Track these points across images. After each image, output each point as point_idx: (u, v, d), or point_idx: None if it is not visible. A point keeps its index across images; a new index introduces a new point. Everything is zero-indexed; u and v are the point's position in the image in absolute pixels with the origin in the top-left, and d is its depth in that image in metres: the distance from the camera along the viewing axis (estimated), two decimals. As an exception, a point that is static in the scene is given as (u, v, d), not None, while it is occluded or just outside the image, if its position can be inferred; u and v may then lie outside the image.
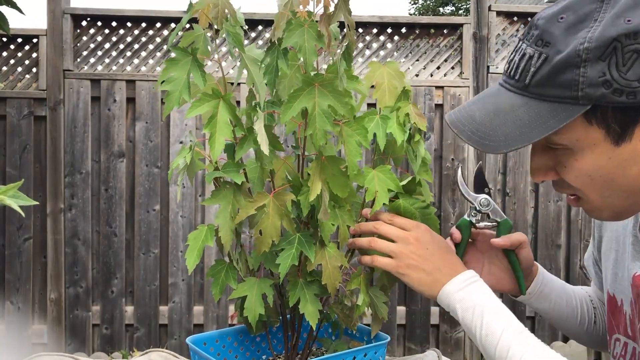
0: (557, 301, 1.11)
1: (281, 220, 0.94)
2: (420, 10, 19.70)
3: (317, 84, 0.89)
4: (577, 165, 0.78)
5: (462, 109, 0.83)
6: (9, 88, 3.26)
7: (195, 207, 3.30)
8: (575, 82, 0.72)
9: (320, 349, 1.16)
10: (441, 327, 3.36)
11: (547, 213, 3.38)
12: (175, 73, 0.90)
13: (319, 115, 0.89)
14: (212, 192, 0.98)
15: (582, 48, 0.71)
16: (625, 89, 0.70)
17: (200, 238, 0.96)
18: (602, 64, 0.70)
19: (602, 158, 0.76)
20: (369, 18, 3.32)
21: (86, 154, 3.26)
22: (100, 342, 3.28)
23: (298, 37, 0.89)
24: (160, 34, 3.31)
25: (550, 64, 0.73)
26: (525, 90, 0.76)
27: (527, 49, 0.76)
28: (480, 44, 3.35)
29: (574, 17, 0.73)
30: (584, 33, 0.71)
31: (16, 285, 3.24)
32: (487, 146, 0.78)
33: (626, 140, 0.74)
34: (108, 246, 3.27)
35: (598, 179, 0.77)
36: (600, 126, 0.74)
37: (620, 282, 0.96)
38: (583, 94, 0.71)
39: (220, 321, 3.29)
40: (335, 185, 0.94)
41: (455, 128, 0.81)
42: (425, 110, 3.34)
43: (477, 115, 0.80)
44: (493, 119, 0.78)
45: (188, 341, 1.06)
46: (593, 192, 0.79)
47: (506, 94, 0.79)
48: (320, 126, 0.89)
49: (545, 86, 0.74)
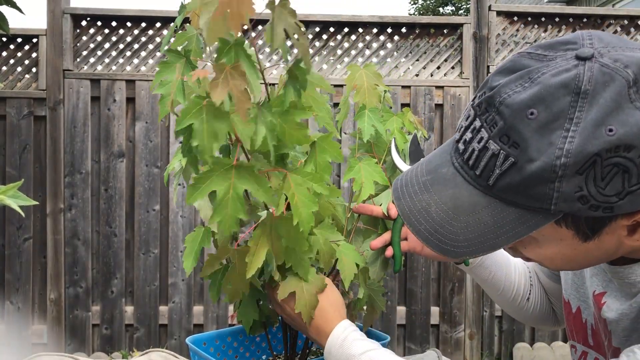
0: (497, 273, 1.11)
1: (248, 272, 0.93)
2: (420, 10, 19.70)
3: (234, 164, 0.79)
4: (539, 251, 0.73)
5: (414, 194, 0.73)
6: (8, 88, 3.26)
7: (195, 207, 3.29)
8: (549, 197, 0.64)
9: (320, 349, 1.16)
10: (441, 327, 3.36)
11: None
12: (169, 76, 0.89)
13: (232, 200, 0.79)
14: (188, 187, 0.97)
15: (559, 164, 0.62)
16: (602, 204, 0.64)
17: (197, 240, 0.95)
18: (579, 178, 0.63)
19: (567, 249, 0.71)
20: (369, 18, 3.32)
21: (86, 154, 3.26)
22: (100, 342, 3.28)
23: (197, 123, 0.76)
24: (160, 34, 3.31)
25: (521, 173, 0.64)
26: (488, 190, 0.67)
27: (490, 143, 0.66)
28: (480, 43, 3.35)
29: (546, 114, 0.63)
30: (559, 140, 0.62)
31: (16, 285, 3.24)
32: (448, 252, 0.70)
33: (594, 238, 0.69)
34: (108, 246, 3.27)
35: (559, 260, 0.74)
36: (569, 228, 0.68)
37: (577, 289, 0.94)
38: (556, 208, 0.65)
39: (220, 321, 3.29)
40: (292, 241, 0.88)
41: (410, 224, 0.72)
42: (425, 110, 3.35)
43: (433, 210, 0.71)
44: (452, 220, 0.70)
45: (188, 341, 1.06)
46: (550, 265, 0.76)
47: (465, 187, 0.69)
48: (232, 213, 0.79)
49: (514, 193, 0.66)
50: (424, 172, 0.75)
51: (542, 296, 1.16)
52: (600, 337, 0.89)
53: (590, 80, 0.63)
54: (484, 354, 3.38)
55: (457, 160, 0.71)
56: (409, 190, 0.74)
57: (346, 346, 0.88)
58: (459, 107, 3.35)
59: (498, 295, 1.14)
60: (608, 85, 0.62)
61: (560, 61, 0.65)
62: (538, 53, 0.67)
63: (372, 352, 0.86)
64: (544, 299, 1.16)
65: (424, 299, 3.35)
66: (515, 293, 1.13)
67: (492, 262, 1.11)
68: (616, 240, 0.70)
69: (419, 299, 3.34)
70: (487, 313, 3.38)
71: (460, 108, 3.36)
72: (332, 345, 0.90)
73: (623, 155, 0.62)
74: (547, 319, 1.17)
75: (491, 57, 3.36)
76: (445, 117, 3.36)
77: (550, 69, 0.65)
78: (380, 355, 0.86)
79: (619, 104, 0.62)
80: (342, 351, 0.88)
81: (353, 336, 0.89)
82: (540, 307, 1.16)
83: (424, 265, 3.34)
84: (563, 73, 0.64)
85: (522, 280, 1.14)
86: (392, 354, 0.87)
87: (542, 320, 1.17)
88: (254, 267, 0.85)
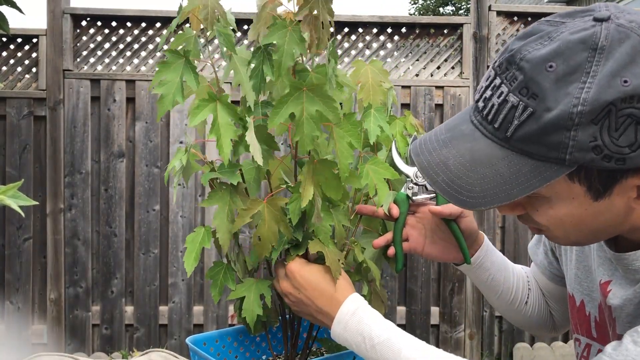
0: (496, 276, 1.11)
1: (278, 225, 0.94)
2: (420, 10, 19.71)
3: (305, 89, 0.88)
4: (551, 212, 0.75)
5: (433, 150, 0.76)
6: (8, 88, 3.26)
7: (195, 207, 3.30)
8: (564, 145, 0.66)
9: (320, 349, 1.16)
10: (441, 327, 3.36)
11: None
12: (168, 76, 0.89)
13: (306, 120, 0.88)
14: (209, 194, 0.98)
15: (576, 111, 0.65)
16: (615, 155, 0.66)
17: (198, 240, 0.96)
18: (594, 128, 0.65)
19: (578, 209, 0.73)
20: (369, 18, 3.32)
21: (86, 154, 3.26)
22: (100, 342, 3.28)
23: (279, 37, 0.87)
24: (160, 34, 3.31)
25: (538, 122, 0.67)
26: (505, 142, 0.70)
27: (509, 96, 0.69)
28: (480, 43, 3.35)
29: (565, 67, 0.66)
30: (576, 90, 0.65)
31: (16, 285, 3.24)
32: (464, 202, 0.73)
33: (605, 197, 0.71)
34: (108, 246, 3.27)
35: (568, 223, 0.75)
36: (582, 184, 0.70)
37: (581, 283, 0.96)
38: (570, 157, 0.67)
39: (220, 321, 3.29)
40: (329, 188, 0.93)
41: (428, 176, 0.75)
42: (426, 110, 3.35)
43: (451, 163, 0.74)
44: (470, 171, 0.72)
45: (188, 341, 1.06)
46: (559, 230, 0.77)
47: (483, 141, 0.72)
48: (308, 132, 0.88)
49: (530, 143, 0.68)
50: (443, 131, 0.78)
51: (540, 301, 1.17)
52: (604, 329, 0.90)
53: (607, 37, 0.66)
54: (484, 354, 3.38)
55: (477, 117, 0.74)
56: (428, 147, 0.77)
57: (359, 314, 0.90)
58: (459, 107, 3.35)
59: (496, 299, 1.14)
60: (623, 42, 0.66)
61: (578, 22, 0.69)
62: (556, 20, 0.71)
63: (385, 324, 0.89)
64: (542, 304, 1.17)
65: (424, 299, 3.35)
66: (514, 296, 1.14)
67: (491, 264, 1.11)
68: (625, 203, 0.72)
69: (419, 299, 3.34)
70: (487, 313, 3.39)
71: (460, 108, 3.35)
72: (343, 314, 0.91)
73: (637, 107, 0.64)
74: (544, 325, 1.18)
75: (491, 57, 3.36)
76: (445, 117, 3.36)
77: (568, 29, 0.69)
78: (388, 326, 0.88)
79: (633, 58, 0.65)
80: (354, 318, 0.90)
81: (366, 307, 0.92)
82: (538, 312, 1.17)
83: (424, 265, 3.34)
84: (581, 31, 0.67)
85: (520, 284, 1.15)
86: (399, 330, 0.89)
87: (539, 324, 1.18)
88: (306, 199, 0.89)
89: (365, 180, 0.97)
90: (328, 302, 0.92)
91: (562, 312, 1.17)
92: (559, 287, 1.12)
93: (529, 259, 1.18)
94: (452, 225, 1.05)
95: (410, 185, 1.05)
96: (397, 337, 0.86)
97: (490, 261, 1.11)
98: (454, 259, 1.09)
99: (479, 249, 1.09)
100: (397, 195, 1.05)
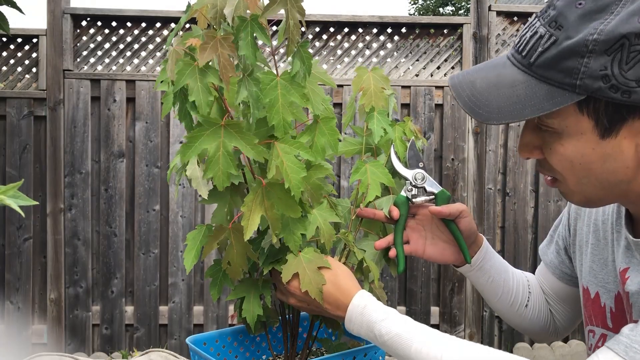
0: (495, 278, 1.12)
1: (245, 249, 0.94)
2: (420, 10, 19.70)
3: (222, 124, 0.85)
4: (561, 149, 0.80)
5: (467, 74, 0.84)
6: (8, 88, 3.26)
7: (195, 207, 3.30)
8: (577, 71, 0.73)
9: (320, 349, 1.16)
10: (441, 327, 3.36)
11: (547, 213, 3.38)
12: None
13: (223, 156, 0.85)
14: (209, 192, 0.98)
15: (591, 39, 0.72)
16: (621, 86, 0.71)
17: (199, 238, 0.96)
18: (606, 58, 0.71)
19: (586, 147, 0.78)
20: (369, 18, 3.32)
21: (86, 154, 3.26)
22: (100, 342, 3.28)
23: (189, 78, 0.84)
24: (160, 34, 3.31)
25: (558, 47, 0.74)
26: (528, 68, 0.78)
27: (539, 28, 0.77)
28: (480, 44, 3.35)
29: (593, 5, 0.73)
30: (597, 24, 0.72)
31: (16, 285, 3.24)
32: (479, 114, 0.80)
33: (612, 135, 0.76)
34: (108, 246, 3.27)
35: (578, 166, 0.80)
36: (590, 117, 0.76)
37: (596, 275, 0.98)
38: (581, 84, 0.73)
39: (220, 321, 3.29)
40: (284, 208, 0.90)
41: (455, 92, 0.83)
42: (425, 110, 3.35)
43: (478, 82, 0.82)
44: (491, 90, 0.80)
45: (188, 341, 1.06)
46: (571, 176, 0.81)
47: (510, 68, 0.80)
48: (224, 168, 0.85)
49: (548, 68, 0.76)
50: (482, 64, 0.86)
51: (541, 305, 1.18)
52: (620, 319, 0.92)
53: None
54: (484, 354, 3.38)
55: (511, 51, 0.82)
56: (464, 72, 0.85)
57: (367, 313, 0.91)
58: (459, 107, 3.35)
59: (497, 301, 1.15)
60: None
61: None
62: None
63: (392, 318, 0.90)
64: (543, 308, 1.18)
65: (424, 299, 3.35)
66: (514, 299, 1.15)
67: (490, 266, 1.12)
68: (634, 149, 0.77)
69: (419, 299, 3.34)
70: (487, 313, 3.39)
71: (460, 108, 3.35)
72: (352, 313, 0.93)
73: None
74: (544, 328, 1.19)
75: (491, 57, 3.35)
76: (445, 117, 3.36)
77: None
78: (400, 320, 0.89)
79: None
80: (363, 318, 0.91)
81: (373, 304, 0.93)
82: (538, 315, 1.18)
83: (424, 265, 3.34)
84: None
85: (520, 288, 1.16)
86: (410, 319, 0.90)
87: (539, 328, 1.19)
88: (250, 231, 0.87)
89: (361, 176, 0.98)
90: (335, 307, 0.95)
91: (566, 313, 1.17)
92: (568, 287, 1.13)
93: (538, 259, 1.19)
94: (451, 226, 1.06)
95: (410, 188, 1.06)
96: (407, 331, 0.88)
97: (490, 263, 1.12)
98: (454, 261, 1.10)
99: (479, 251, 1.10)
100: (397, 198, 1.05)
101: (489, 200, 3.36)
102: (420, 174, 1.05)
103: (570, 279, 1.12)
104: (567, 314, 1.17)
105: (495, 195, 3.38)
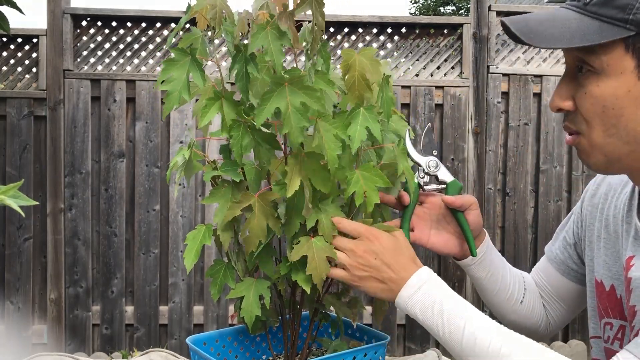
0: (494, 273, 1.13)
1: (267, 220, 0.94)
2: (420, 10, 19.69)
3: (286, 83, 0.88)
4: (596, 90, 0.82)
5: (520, 16, 0.88)
6: (9, 88, 3.26)
7: (195, 206, 3.30)
8: (631, 7, 0.78)
9: (320, 349, 1.16)
10: (441, 327, 3.35)
11: (547, 213, 3.38)
12: (175, 73, 0.89)
13: (293, 113, 0.88)
14: (210, 191, 0.98)
15: None
16: None
17: (199, 237, 0.96)
18: None
19: (622, 88, 0.80)
20: (369, 18, 3.32)
21: (86, 154, 3.26)
22: (100, 342, 3.28)
23: (262, 39, 0.88)
24: (160, 34, 3.31)
25: None
26: (583, 9, 0.82)
27: None
28: (480, 44, 3.35)
29: None
30: None
31: (16, 285, 3.24)
32: (530, 38, 0.83)
33: None
34: (108, 246, 3.27)
35: (610, 111, 0.82)
36: (634, 56, 0.79)
37: (609, 268, 0.99)
38: (633, 18, 0.77)
39: (220, 321, 3.30)
40: (317, 180, 0.92)
41: (512, 23, 0.85)
42: (425, 110, 3.35)
43: (532, 17, 0.86)
44: (544, 22, 0.84)
45: (188, 341, 1.06)
46: (599, 124, 0.83)
47: (565, 11, 0.85)
48: (295, 124, 0.88)
49: (603, 6, 0.80)
50: (535, 13, 0.90)
51: (536, 302, 1.20)
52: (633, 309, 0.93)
53: None
54: (484, 354, 3.38)
55: (566, 3, 0.87)
56: (522, 14, 0.89)
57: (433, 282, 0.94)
58: (459, 107, 3.35)
59: (494, 296, 1.16)
60: None
61: None
62: None
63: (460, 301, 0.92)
64: (537, 305, 1.20)
65: (424, 299, 3.34)
66: (510, 295, 1.16)
67: (490, 261, 1.13)
68: None
69: (419, 299, 3.34)
70: (487, 313, 3.37)
71: (460, 108, 3.36)
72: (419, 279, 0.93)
73: None
74: (536, 325, 1.20)
75: (491, 57, 3.36)
76: (445, 117, 3.36)
77: None
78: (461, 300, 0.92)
79: None
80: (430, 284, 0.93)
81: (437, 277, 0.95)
82: (532, 312, 1.19)
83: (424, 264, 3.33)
84: None
85: (516, 284, 1.17)
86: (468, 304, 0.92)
87: (531, 324, 1.20)
88: (292, 189, 0.89)
89: (355, 186, 0.92)
90: (404, 267, 0.94)
91: (560, 311, 1.20)
92: (570, 283, 1.15)
93: (538, 259, 1.21)
94: (460, 217, 1.05)
95: (422, 175, 1.05)
96: (467, 307, 0.90)
97: (490, 258, 1.13)
98: (456, 253, 1.10)
99: (481, 245, 1.11)
100: (409, 184, 1.04)
101: (489, 200, 3.36)
102: (434, 162, 1.04)
103: (575, 275, 1.14)
104: (562, 311, 1.19)
105: (495, 195, 3.38)
